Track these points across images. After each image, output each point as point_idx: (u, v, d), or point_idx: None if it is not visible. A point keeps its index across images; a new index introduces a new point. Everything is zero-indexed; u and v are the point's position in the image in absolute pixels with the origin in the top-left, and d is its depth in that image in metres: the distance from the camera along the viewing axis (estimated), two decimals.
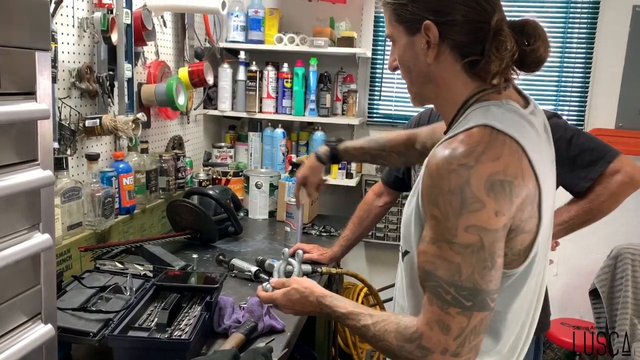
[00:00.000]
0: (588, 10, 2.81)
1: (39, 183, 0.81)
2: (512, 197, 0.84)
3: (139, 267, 1.68)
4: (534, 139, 0.91)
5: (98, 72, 1.86)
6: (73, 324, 1.27)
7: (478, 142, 0.85)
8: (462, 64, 0.93)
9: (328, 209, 2.99)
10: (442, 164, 0.85)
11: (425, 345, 0.87)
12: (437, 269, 0.86)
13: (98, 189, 1.79)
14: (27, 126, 0.81)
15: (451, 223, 0.84)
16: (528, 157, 0.86)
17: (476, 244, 0.83)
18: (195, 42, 2.60)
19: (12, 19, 0.76)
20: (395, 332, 0.91)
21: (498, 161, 0.84)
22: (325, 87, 2.89)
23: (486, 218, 0.83)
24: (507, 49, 0.89)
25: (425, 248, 0.89)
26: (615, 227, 2.87)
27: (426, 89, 1.00)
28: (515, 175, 0.84)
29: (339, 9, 2.89)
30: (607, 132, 2.79)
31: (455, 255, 0.84)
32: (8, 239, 0.79)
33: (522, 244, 0.89)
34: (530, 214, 0.88)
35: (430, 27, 0.92)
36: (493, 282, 0.85)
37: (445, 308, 0.85)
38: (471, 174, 0.82)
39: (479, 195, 0.82)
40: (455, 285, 0.84)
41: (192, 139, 2.75)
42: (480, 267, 0.84)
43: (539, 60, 0.93)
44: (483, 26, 0.90)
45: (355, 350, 2.84)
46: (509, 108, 0.92)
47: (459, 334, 0.85)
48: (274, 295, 1.16)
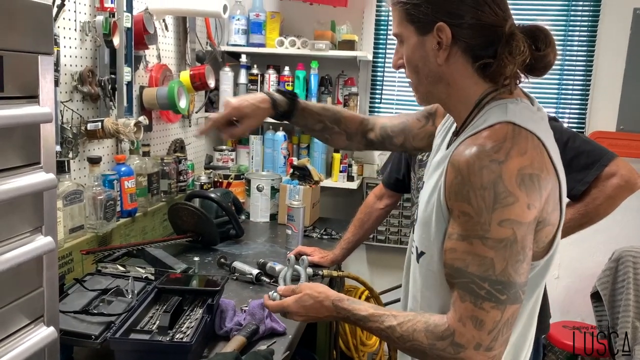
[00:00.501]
0: (589, 13, 2.82)
1: (41, 186, 0.81)
2: (541, 190, 0.86)
3: (140, 270, 1.68)
4: (547, 134, 0.93)
5: (100, 75, 1.87)
6: (75, 327, 1.27)
7: (505, 138, 0.87)
8: (474, 65, 0.94)
9: (329, 211, 2.99)
10: (473, 160, 0.86)
11: (459, 341, 0.88)
12: (469, 265, 0.87)
13: (100, 192, 1.79)
14: (30, 129, 0.82)
15: (484, 218, 0.85)
16: (547, 151, 0.89)
17: (510, 237, 0.85)
18: (197, 45, 2.61)
19: (15, 23, 0.77)
20: (425, 331, 0.92)
21: (525, 155, 0.86)
22: (327, 90, 2.89)
23: (520, 211, 0.85)
24: (520, 53, 0.90)
25: (454, 245, 0.89)
26: (616, 230, 2.87)
27: (436, 89, 1.00)
28: (541, 168, 0.87)
29: (340, 12, 2.90)
30: (608, 134, 2.79)
31: (488, 250, 0.86)
32: (11, 241, 0.79)
33: (547, 236, 0.92)
34: (554, 206, 0.90)
35: (443, 28, 0.93)
36: (525, 274, 0.88)
37: (479, 303, 0.87)
38: (502, 169, 0.84)
39: (512, 189, 0.84)
40: (490, 280, 0.86)
41: (194, 142, 2.76)
42: (513, 261, 0.86)
43: (547, 65, 0.95)
44: (495, 30, 0.92)
45: (357, 353, 2.83)
46: (524, 106, 0.94)
47: (492, 327, 0.87)
48: (285, 303, 1.11)
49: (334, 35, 2.82)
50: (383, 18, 3.00)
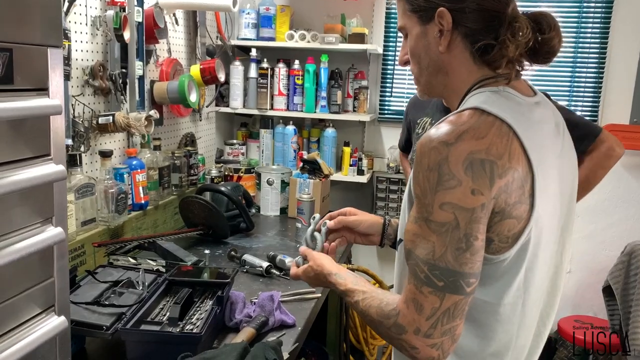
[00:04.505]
0: (602, 4, 2.78)
1: (52, 177, 0.82)
2: (494, 177, 0.82)
3: (151, 262, 1.70)
4: (532, 126, 0.90)
5: (111, 69, 1.89)
6: (87, 318, 1.29)
7: (463, 122, 0.85)
8: (472, 51, 0.93)
9: (339, 205, 2.97)
10: (426, 142, 0.85)
11: (401, 322, 0.87)
12: (416, 248, 0.87)
13: (111, 186, 1.81)
14: (40, 122, 0.83)
15: (428, 200, 0.84)
16: (520, 141, 0.85)
17: (451, 222, 0.83)
18: (207, 39, 2.62)
19: (25, 16, 0.78)
20: (377, 308, 0.92)
21: (481, 140, 0.83)
22: (337, 84, 2.89)
23: (461, 196, 0.82)
24: (523, 34, 0.89)
25: (409, 227, 0.89)
26: (629, 223, 2.85)
27: (435, 80, 1.00)
28: (500, 156, 0.83)
29: (350, 5, 2.89)
30: (621, 127, 2.76)
31: (431, 234, 0.84)
32: (22, 232, 0.80)
33: (509, 230, 0.87)
34: (520, 198, 0.86)
35: (444, 14, 0.93)
36: (469, 265, 0.84)
37: (420, 287, 0.85)
38: (450, 151, 0.82)
39: (456, 172, 0.82)
40: (429, 263, 0.85)
41: (204, 136, 2.77)
42: (453, 248, 0.83)
43: (552, 50, 0.93)
44: (497, 15, 0.91)
45: (367, 346, 2.84)
46: (505, 94, 0.91)
47: (431, 314, 0.85)
48: (298, 273, 1.18)
49: (344, 28, 2.81)
50: (393, 11, 2.98)
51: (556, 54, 0.94)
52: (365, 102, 2.92)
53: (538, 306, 0.99)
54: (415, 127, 2.06)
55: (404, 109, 3.05)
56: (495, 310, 0.92)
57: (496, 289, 0.91)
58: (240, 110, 2.91)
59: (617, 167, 2.79)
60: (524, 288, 0.93)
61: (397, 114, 3.08)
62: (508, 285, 0.91)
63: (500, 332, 0.94)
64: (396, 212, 3.04)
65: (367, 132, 3.09)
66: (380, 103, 3.09)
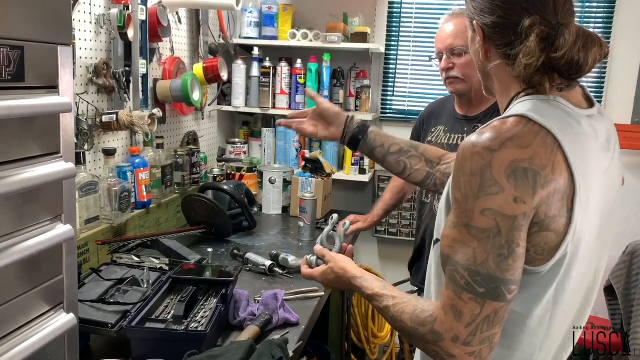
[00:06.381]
0: (604, 4, 2.79)
1: (61, 175, 0.82)
2: (536, 187, 0.82)
3: (155, 260, 1.70)
4: (579, 139, 0.88)
5: (115, 68, 1.89)
6: (92, 315, 1.29)
7: (508, 130, 0.84)
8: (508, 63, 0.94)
9: (341, 204, 3.00)
10: (469, 146, 0.85)
11: (437, 330, 0.86)
12: (456, 253, 0.86)
13: (115, 184, 1.81)
14: (50, 119, 0.83)
15: (469, 205, 0.84)
16: (564, 154, 0.84)
17: (492, 229, 0.82)
18: (210, 38, 2.62)
19: (36, 14, 0.78)
20: (411, 314, 0.91)
21: (525, 149, 0.82)
22: (339, 83, 2.89)
23: (503, 203, 0.82)
24: (532, 55, 0.88)
25: (447, 232, 0.89)
26: (630, 223, 2.86)
27: (487, 82, 1.04)
28: (543, 166, 0.82)
29: (352, 4, 2.90)
30: (623, 127, 2.76)
31: (472, 240, 0.84)
32: (32, 229, 0.81)
33: (546, 243, 0.86)
34: (559, 212, 0.84)
35: (476, 27, 0.96)
36: (510, 271, 0.83)
37: (459, 293, 0.84)
38: (494, 157, 0.82)
39: (499, 179, 0.82)
40: (470, 270, 0.84)
41: (207, 134, 2.77)
42: (495, 254, 0.82)
43: (571, 66, 0.89)
44: (514, 30, 0.91)
45: (369, 345, 2.84)
46: (554, 104, 0.90)
47: (470, 321, 0.84)
48: (314, 274, 1.19)
49: (346, 27, 2.82)
50: (395, 10, 2.98)
51: (582, 70, 0.89)
52: (368, 101, 2.92)
53: (566, 321, 0.98)
54: (429, 135, 2.03)
55: (405, 108, 3.07)
56: (522, 321, 0.92)
57: (527, 300, 0.90)
58: (243, 109, 2.91)
59: None
60: (553, 302, 0.92)
61: (399, 113, 3.08)
62: (539, 297, 0.90)
63: (525, 344, 0.93)
64: (397, 210, 3.04)
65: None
66: (382, 102, 3.09)
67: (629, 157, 2.81)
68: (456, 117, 1.96)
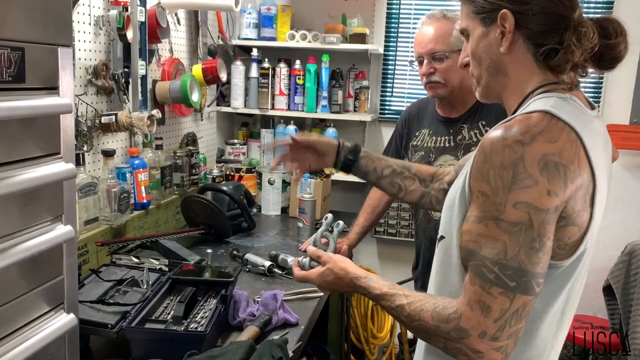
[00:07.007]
0: (602, 3, 2.79)
1: (61, 176, 0.83)
2: (567, 180, 0.82)
3: (154, 261, 1.71)
4: (593, 137, 0.89)
5: (114, 69, 1.89)
6: (91, 316, 1.29)
7: (536, 124, 0.84)
8: (535, 53, 0.93)
9: (340, 205, 3.00)
10: (497, 139, 0.85)
11: (463, 326, 0.85)
12: (482, 248, 0.85)
13: (114, 185, 1.81)
14: (50, 120, 0.83)
15: (500, 198, 0.83)
16: (585, 149, 0.85)
17: (525, 222, 0.82)
18: (209, 39, 2.62)
19: (36, 15, 0.78)
20: (432, 312, 0.89)
21: (554, 143, 0.83)
22: (337, 84, 2.89)
23: (537, 196, 0.81)
24: (588, 39, 0.88)
25: (470, 227, 0.88)
26: (629, 223, 2.86)
27: (495, 81, 1.01)
28: (571, 160, 0.83)
29: (351, 5, 2.90)
30: (621, 127, 2.77)
31: (502, 234, 0.83)
32: (33, 229, 0.81)
33: (570, 238, 0.87)
34: (583, 207, 0.86)
35: (507, 15, 0.93)
36: (540, 265, 0.83)
37: (487, 288, 0.84)
38: (525, 151, 0.82)
39: (532, 171, 0.82)
40: (500, 264, 0.83)
41: (206, 135, 2.78)
42: (527, 247, 0.82)
43: (618, 56, 0.93)
44: (562, 19, 0.91)
45: (368, 345, 2.85)
46: (572, 103, 0.91)
47: (499, 316, 0.83)
48: (310, 276, 1.15)
49: (345, 28, 2.82)
50: (394, 11, 2.99)
51: (621, 60, 0.93)
52: (366, 102, 2.92)
53: (572, 315, 0.99)
54: (412, 138, 2.01)
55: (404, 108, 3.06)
56: (539, 316, 0.92)
57: (546, 295, 0.90)
58: (241, 110, 2.91)
59: (617, 168, 2.81)
60: (567, 296, 0.93)
61: (397, 114, 3.07)
62: (557, 292, 0.91)
63: (538, 339, 0.94)
64: (396, 210, 3.05)
65: (368, 132, 3.10)
66: (381, 103, 3.10)
67: (627, 157, 2.82)
68: (439, 120, 1.94)
